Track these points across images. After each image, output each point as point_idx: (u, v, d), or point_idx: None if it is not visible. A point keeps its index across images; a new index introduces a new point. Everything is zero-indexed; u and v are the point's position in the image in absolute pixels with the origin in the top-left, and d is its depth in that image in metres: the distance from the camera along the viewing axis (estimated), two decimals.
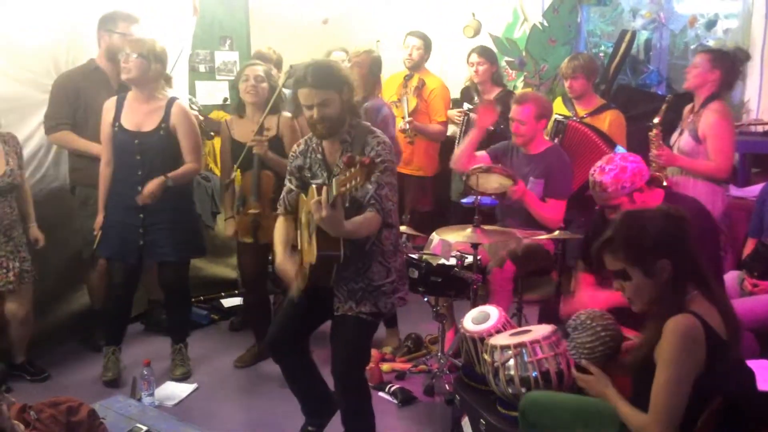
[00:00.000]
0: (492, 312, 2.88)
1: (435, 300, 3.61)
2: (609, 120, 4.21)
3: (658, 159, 3.62)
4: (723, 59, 3.61)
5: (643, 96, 5.11)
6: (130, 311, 3.84)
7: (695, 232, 2.07)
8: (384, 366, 3.73)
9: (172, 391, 3.55)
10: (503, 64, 5.47)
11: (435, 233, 3.64)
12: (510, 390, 2.50)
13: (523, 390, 2.45)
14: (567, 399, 2.34)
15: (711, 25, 5.26)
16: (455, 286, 3.42)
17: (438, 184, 5.00)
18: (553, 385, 2.46)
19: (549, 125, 4.01)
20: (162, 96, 3.54)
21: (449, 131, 4.89)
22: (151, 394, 3.35)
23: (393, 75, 4.91)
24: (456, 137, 4.81)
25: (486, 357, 2.61)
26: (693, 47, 5.34)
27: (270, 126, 3.64)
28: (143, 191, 3.41)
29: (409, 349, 3.96)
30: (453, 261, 3.42)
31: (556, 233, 3.37)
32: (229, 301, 4.70)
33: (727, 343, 1.98)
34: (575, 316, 2.43)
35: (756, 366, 2.26)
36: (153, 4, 4.27)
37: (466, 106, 4.83)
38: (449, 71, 5.30)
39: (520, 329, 2.76)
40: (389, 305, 2.72)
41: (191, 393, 3.57)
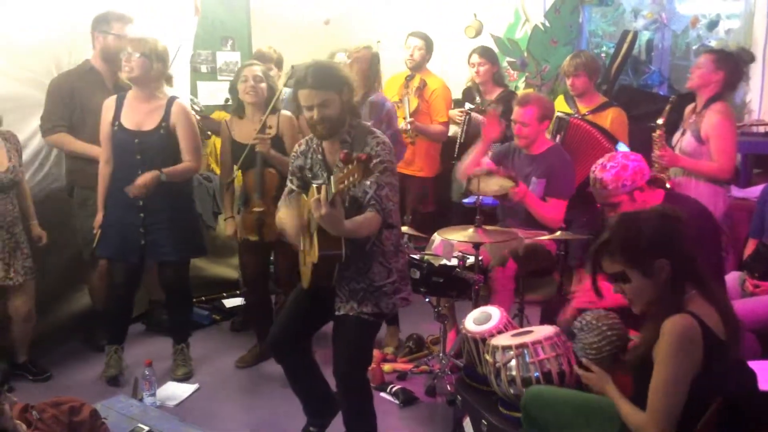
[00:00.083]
0: (494, 312, 2.88)
1: (437, 300, 3.60)
2: (611, 117, 4.19)
3: (660, 160, 3.60)
4: (727, 60, 3.59)
5: (645, 96, 5.11)
6: (131, 311, 3.85)
7: (696, 232, 2.07)
8: (385, 366, 3.73)
9: (173, 392, 3.55)
10: (505, 64, 5.46)
11: (436, 234, 3.64)
12: (512, 390, 2.50)
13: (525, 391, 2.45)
14: (569, 395, 2.34)
15: (713, 26, 5.26)
16: (457, 286, 3.41)
17: (439, 184, 4.99)
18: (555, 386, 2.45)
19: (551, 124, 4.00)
20: (162, 95, 3.54)
21: (450, 132, 4.89)
22: (153, 394, 3.35)
23: (394, 75, 4.90)
24: (457, 137, 4.81)
25: (488, 357, 2.62)
26: (695, 48, 5.34)
27: (270, 125, 3.64)
28: (136, 181, 3.38)
29: (411, 350, 3.96)
30: (454, 261, 3.42)
31: (558, 234, 3.36)
32: (231, 302, 4.70)
33: (726, 344, 1.98)
34: (580, 317, 2.44)
35: (758, 367, 2.25)
36: (153, 4, 4.27)
37: (467, 105, 4.83)
38: (450, 72, 5.29)
39: (521, 330, 2.77)
40: (391, 306, 2.72)
41: (193, 393, 3.58)
